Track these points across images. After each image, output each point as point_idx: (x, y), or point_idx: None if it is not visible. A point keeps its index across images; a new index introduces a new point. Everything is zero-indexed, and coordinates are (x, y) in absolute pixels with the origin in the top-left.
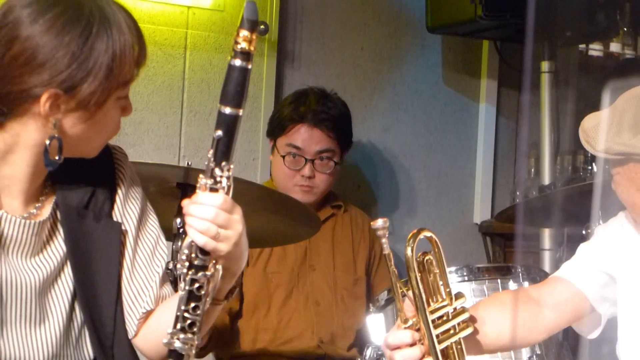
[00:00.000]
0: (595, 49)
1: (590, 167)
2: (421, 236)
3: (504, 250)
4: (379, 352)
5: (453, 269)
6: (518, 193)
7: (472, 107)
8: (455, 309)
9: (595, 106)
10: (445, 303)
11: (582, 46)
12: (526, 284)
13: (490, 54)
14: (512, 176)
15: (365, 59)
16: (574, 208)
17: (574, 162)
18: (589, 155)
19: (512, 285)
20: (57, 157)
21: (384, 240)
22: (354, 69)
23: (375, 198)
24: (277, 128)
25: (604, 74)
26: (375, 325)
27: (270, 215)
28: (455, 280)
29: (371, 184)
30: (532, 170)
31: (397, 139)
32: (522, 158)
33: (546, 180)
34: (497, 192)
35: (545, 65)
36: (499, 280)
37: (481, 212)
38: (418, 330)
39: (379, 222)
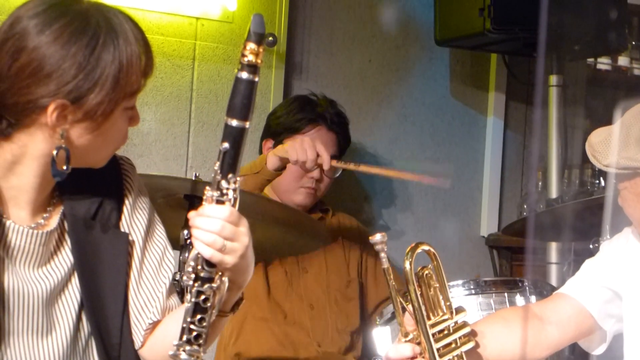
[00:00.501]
0: (603, 63)
1: (597, 182)
2: (419, 250)
3: (510, 264)
4: None
5: (460, 282)
6: (526, 207)
7: (479, 120)
8: (456, 322)
9: (602, 120)
10: (445, 317)
11: (590, 60)
12: (533, 297)
13: (499, 67)
14: (520, 189)
15: (373, 71)
16: (581, 222)
17: (581, 176)
18: (597, 169)
19: (519, 299)
20: (64, 168)
21: (382, 254)
22: (362, 81)
23: (382, 210)
24: (287, 129)
25: (612, 88)
26: (381, 338)
27: (278, 228)
28: (462, 294)
29: (378, 196)
30: (540, 183)
31: (404, 151)
32: (532, 172)
33: (553, 194)
34: (504, 206)
35: (553, 79)
36: (506, 294)
37: (488, 225)
38: (419, 344)
39: (377, 237)
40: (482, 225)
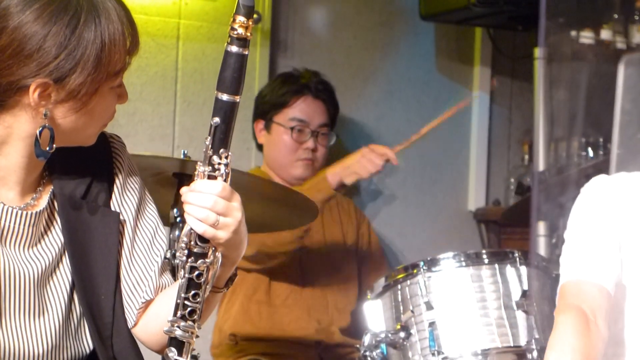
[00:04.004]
0: (586, 37)
1: (585, 153)
2: None
3: (498, 237)
4: (377, 339)
5: (450, 254)
6: (512, 180)
7: (465, 95)
8: None
9: (587, 93)
10: None
11: (573, 34)
12: (523, 268)
13: (484, 42)
14: (506, 163)
15: (358, 48)
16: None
17: (568, 149)
18: (584, 141)
19: (509, 270)
20: (48, 148)
21: None
22: (347, 57)
23: (369, 187)
24: (274, 105)
25: (595, 61)
26: (372, 312)
27: (267, 205)
28: (453, 266)
29: None
30: (526, 157)
31: (390, 128)
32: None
33: (540, 166)
34: (491, 180)
35: (538, 52)
36: (496, 266)
37: (476, 199)
38: None
39: None
40: (470, 199)
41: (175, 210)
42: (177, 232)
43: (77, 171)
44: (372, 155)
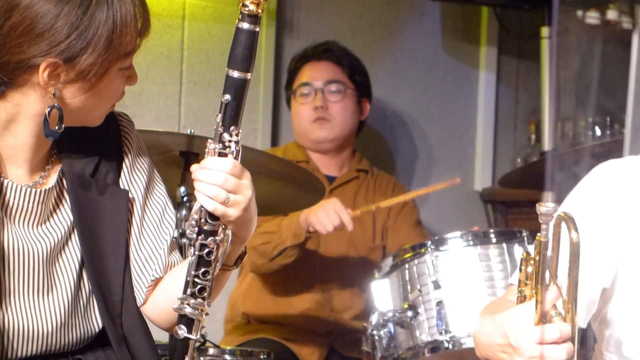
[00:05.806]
0: (592, 17)
1: (591, 133)
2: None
3: (505, 217)
4: (385, 318)
5: (458, 234)
6: (519, 160)
7: (471, 74)
8: None
9: (593, 73)
10: None
11: (579, 13)
12: (531, 247)
13: (490, 21)
14: (513, 143)
15: (364, 28)
16: (575, 172)
17: (574, 128)
18: (590, 120)
19: (517, 249)
20: (57, 127)
21: (544, 226)
22: (353, 38)
23: (376, 167)
24: (288, 82)
25: (601, 41)
26: (380, 291)
27: (275, 183)
28: (461, 246)
29: (372, 153)
30: (533, 136)
31: (397, 108)
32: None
33: (547, 146)
34: (498, 160)
35: (545, 31)
36: (504, 245)
37: (482, 179)
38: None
39: (546, 209)
40: (477, 179)
41: (182, 189)
42: (183, 212)
43: (86, 149)
44: (329, 210)
